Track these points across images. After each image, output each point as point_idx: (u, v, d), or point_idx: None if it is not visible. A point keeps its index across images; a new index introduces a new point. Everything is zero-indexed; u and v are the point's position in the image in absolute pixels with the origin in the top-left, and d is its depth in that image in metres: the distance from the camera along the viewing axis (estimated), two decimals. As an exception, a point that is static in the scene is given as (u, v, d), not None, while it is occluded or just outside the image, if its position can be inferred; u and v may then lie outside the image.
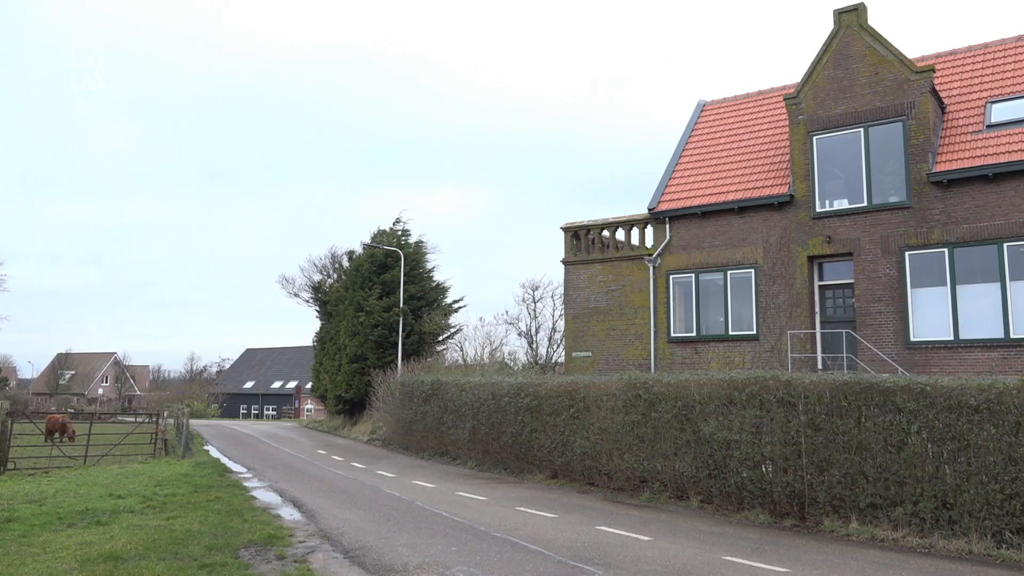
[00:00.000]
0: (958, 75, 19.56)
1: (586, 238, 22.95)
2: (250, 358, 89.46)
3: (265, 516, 12.28)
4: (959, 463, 10.33)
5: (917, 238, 17.29)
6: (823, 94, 18.93)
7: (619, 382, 15.37)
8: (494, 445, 18.93)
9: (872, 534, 10.72)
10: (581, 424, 16.00)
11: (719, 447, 13.01)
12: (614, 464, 15.11)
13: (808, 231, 18.81)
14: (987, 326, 16.26)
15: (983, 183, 16.65)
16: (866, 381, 11.46)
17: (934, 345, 16.76)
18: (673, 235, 21.05)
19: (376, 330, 33.43)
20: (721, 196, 20.38)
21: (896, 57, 18.01)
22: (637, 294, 21.51)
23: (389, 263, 34.83)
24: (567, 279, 23.23)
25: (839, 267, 18.74)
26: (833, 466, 11.50)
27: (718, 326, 20.10)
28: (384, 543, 10.26)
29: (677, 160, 22.81)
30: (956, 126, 18.07)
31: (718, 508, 12.97)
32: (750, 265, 19.62)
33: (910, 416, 10.78)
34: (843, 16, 18.93)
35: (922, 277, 17.21)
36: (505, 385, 18.85)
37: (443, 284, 36.78)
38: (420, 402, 23.18)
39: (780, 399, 12.23)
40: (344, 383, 34.73)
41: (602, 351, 21.95)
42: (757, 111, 23.01)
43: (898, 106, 17.81)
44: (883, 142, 18.02)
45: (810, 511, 11.74)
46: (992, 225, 16.44)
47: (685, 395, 13.75)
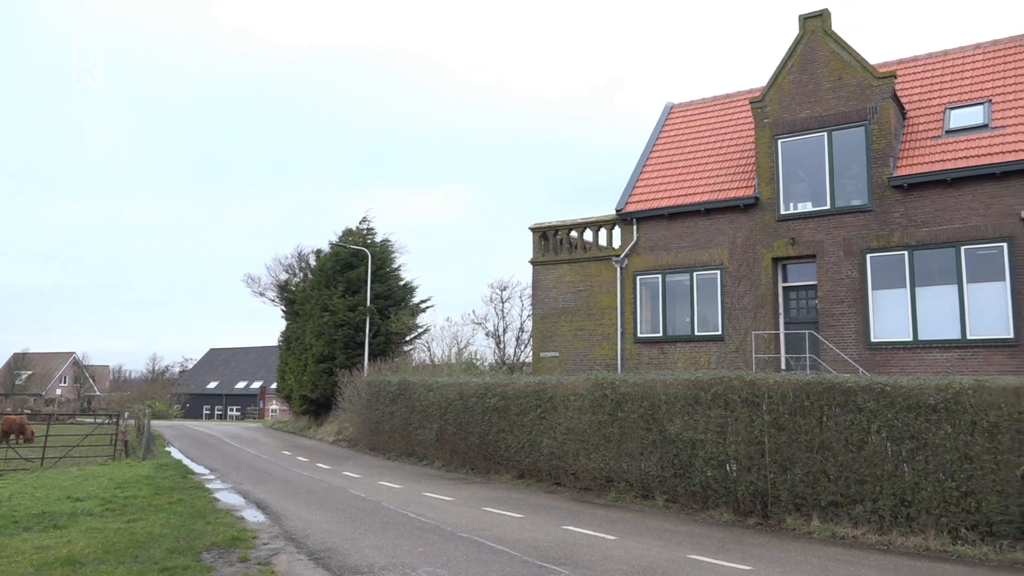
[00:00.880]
0: (919, 81, 19.97)
1: (554, 239, 23.01)
2: (214, 358, 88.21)
3: (228, 518, 12.12)
4: (917, 461, 10.55)
5: (878, 241, 17.61)
6: (788, 98, 19.19)
7: (586, 382, 15.43)
8: (461, 445, 18.89)
9: (833, 531, 10.90)
10: (548, 424, 16.04)
11: (684, 447, 13.12)
12: (581, 464, 15.17)
13: (773, 233, 19.06)
14: (945, 327, 16.61)
15: (942, 187, 17.01)
16: (828, 381, 11.65)
17: (894, 346, 17.08)
18: (640, 236, 21.20)
19: (342, 330, 33.17)
20: (688, 198, 20.56)
21: (859, 63, 18.33)
22: (604, 294, 21.62)
23: (355, 262, 34.59)
24: (535, 279, 23.28)
25: (803, 269, 19.02)
26: (796, 465, 11.67)
27: (684, 327, 20.28)
28: (350, 544, 10.18)
29: (645, 162, 22.97)
30: (916, 131, 18.44)
31: (683, 507, 13.09)
32: (716, 266, 19.83)
33: (870, 416, 10.98)
34: (808, 22, 19.21)
35: (883, 279, 17.53)
36: (473, 385, 18.82)
37: (411, 284, 36.65)
38: (387, 402, 23.05)
39: (744, 399, 12.38)
40: (310, 383, 34.41)
41: (570, 351, 22.03)
42: (724, 114, 23.26)
43: (861, 111, 18.13)
44: (846, 146, 18.32)
45: (773, 509, 11.90)
46: (950, 228, 16.81)
47: (651, 395, 13.85)
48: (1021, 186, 16.17)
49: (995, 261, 16.26)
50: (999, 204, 16.35)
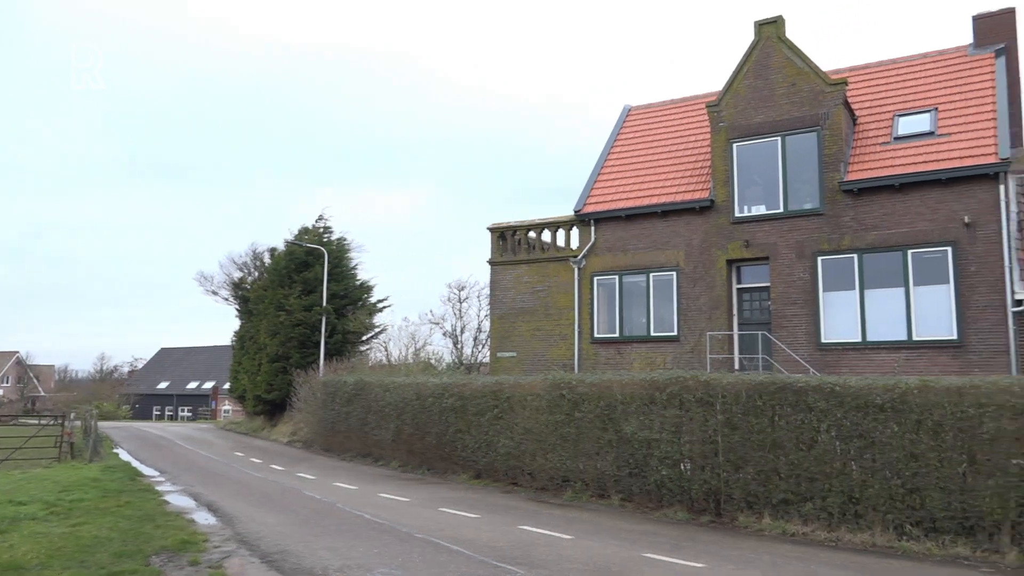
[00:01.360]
0: (869, 88, 20.45)
1: (512, 239, 23.04)
2: (165, 358, 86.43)
3: (179, 521, 11.87)
4: (865, 460, 10.81)
5: (829, 244, 18.00)
6: (743, 103, 19.50)
7: (544, 382, 15.48)
8: (418, 446, 18.81)
9: (784, 529, 11.11)
10: (506, 424, 16.05)
11: (640, 446, 13.25)
12: (538, 464, 15.21)
13: (728, 235, 19.34)
14: (893, 329, 17.04)
15: (890, 192, 17.45)
16: (780, 381, 11.86)
17: (844, 346, 17.47)
18: (598, 237, 21.34)
19: (298, 329, 32.76)
20: (645, 199, 20.76)
21: (812, 69, 18.71)
22: (562, 295, 21.72)
23: (311, 261, 34.18)
24: (493, 279, 23.27)
25: (756, 271, 19.34)
26: (748, 464, 11.86)
27: (641, 327, 20.47)
28: (304, 547, 10.06)
29: (603, 163, 23.13)
30: (866, 137, 18.89)
31: (638, 506, 13.21)
32: (672, 268, 20.06)
33: (820, 415, 11.21)
34: (763, 28, 19.55)
35: (833, 281, 17.91)
36: (430, 385, 18.75)
37: (368, 283, 36.34)
38: (343, 403, 22.84)
39: (699, 399, 12.54)
40: (264, 383, 33.91)
41: (527, 351, 22.08)
42: (681, 117, 23.53)
43: (813, 116, 18.51)
44: (799, 151, 18.69)
45: (726, 507, 12.08)
46: (898, 232, 17.25)
47: (608, 395, 13.95)
48: (965, 192, 16.67)
49: (940, 264, 16.74)
50: (944, 209, 16.84)
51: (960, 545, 9.80)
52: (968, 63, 19.55)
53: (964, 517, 9.94)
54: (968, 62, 19.59)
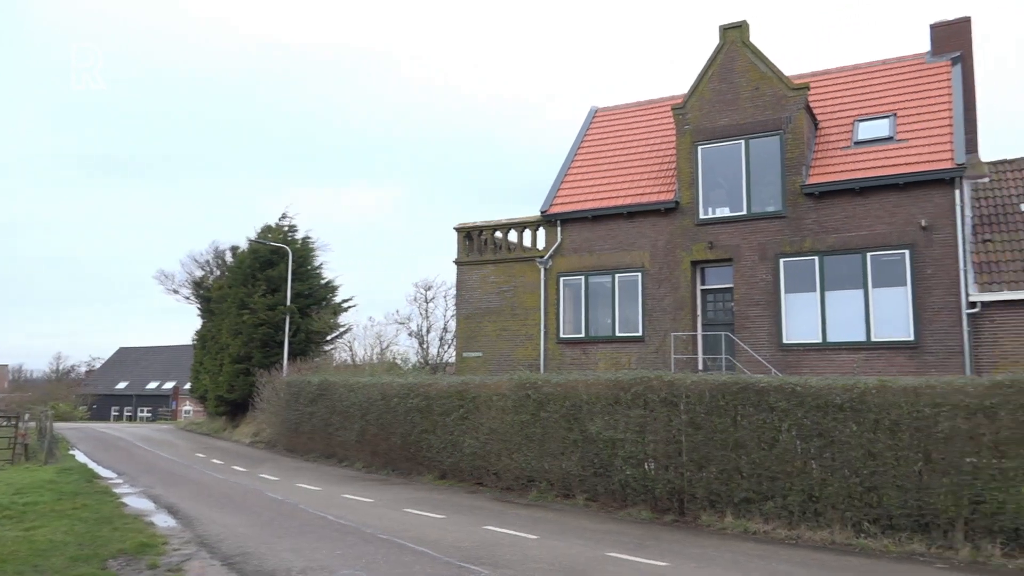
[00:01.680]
0: (830, 93, 20.82)
1: (479, 239, 23.02)
2: (124, 357, 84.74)
3: (137, 524, 11.65)
4: (825, 458, 10.99)
5: (791, 246, 18.28)
6: (708, 106, 19.72)
7: (509, 382, 15.49)
8: (383, 446, 18.70)
9: (745, 527, 11.25)
10: (471, 424, 16.03)
11: (605, 446, 13.32)
12: (503, 464, 15.21)
13: (692, 237, 19.54)
14: (852, 330, 17.37)
15: (851, 196, 17.78)
16: (742, 381, 12.01)
17: (805, 347, 17.76)
18: (564, 238, 21.41)
19: (261, 328, 32.38)
20: (611, 201, 20.89)
21: (775, 74, 18.99)
22: (528, 295, 21.75)
23: (275, 260, 33.81)
24: (459, 279, 23.23)
25: (720, 272, 19.57)
26: (711, 463, 11.99)
27: (606, 327, 20.59)
28: (266, 548, 9.94)
29: (570, 164, 23.22)
30: (828, 141, 19.22)
31: (603, 506, 13.28)
32: (637, 268, 20.20)
33: (782, 414, 11.38)
34: (728, 32, 19.78)
35: (795, 283, 18.20)
36: (395, 385, 18.65)
37: (332, 282, 36.07)
38: (307, 403, 22.62)
39: (663, 399, 12.64)
40: (226, 383, 33.45)
41: (493, 351, 22.07)
42: (647, 119, 23.72)
43: (776, 120, 18.78)
44: (762, 154, 18.95)
45: (689, 507, 12.20)
46: (858, 235, 17.58)
47: (573, 395, 14.01)
48: (922, 196, 17.05)
49: (898, 267, 17.10)
50: (902, 213, 17.20)
51: (916, 542, 10.01)
52: (926, 70, 20.00)
53: (920, 514, 10.16)
54: (926, 69, 20.04)
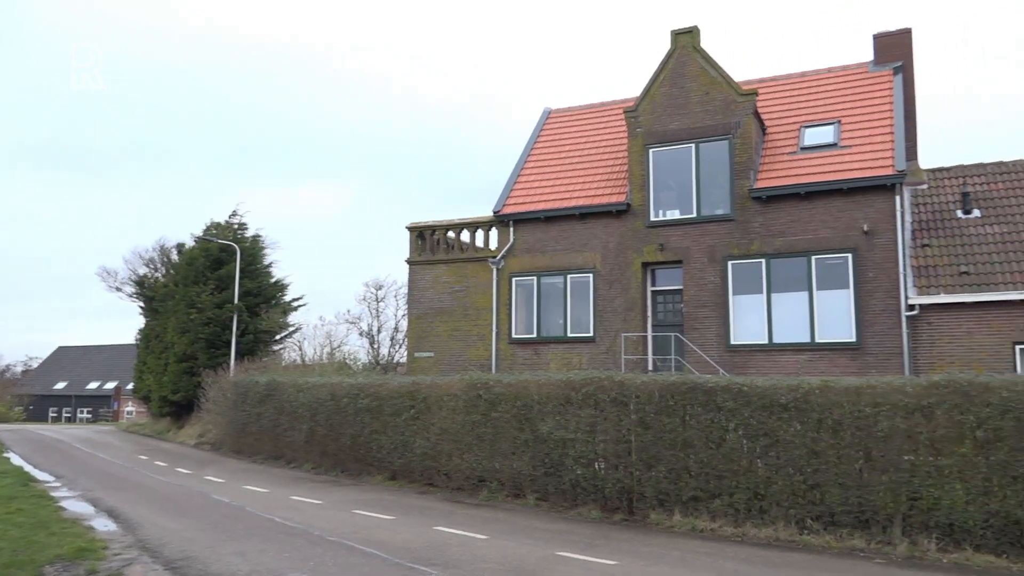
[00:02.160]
0: (778, 99, 21.26)
1: (431, 238, 22.93)
2: (62, 356, 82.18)
3: (76, 528, 11.30)
4: (770, 457, 11.23)
5: (739, 249, 18.61)
6: (660, 109, 19.96)
7: (461, 382, 15.46)
8: (332, 447, 18.49)
9: (693, 525, 11.42)
10: (422, 424, 15.95)
11: (556, 446, 13.38)
12: (454, 464, 15.18)
13: (643, 239, 19.76)
14: (797, 331, 17.76)
15: (796, 200, 18.19)
16: (691, 382, 12.19)
17: (752, 348, 18.10)
18: (517, 238, 21.46)
19: (208, 328, 31.74)
20: (564, 202, 21.00)
21: (724, 80, 19.32)
22: (481, 295, 21.73)
23: (225, 258, 33.18)
24: (411, 279, 23.10)
25: (670, 274, 19.82)
26: (660, 462, 12.15)
27: (558, 328, 20.69)
28: (211, 552, 9.74)
29: (523, 165, 23.27)
30: (775, 146, 19.63)
31: (553, 505, 13.34)
32: (589, 269, 20.35)
33: (729, 414, 11.58)
34: (679, 37, 20.06)
35: (743, 285, 18.54)
36: (345, 386, 18.47)
37: (282, 281, 35.55)
38: (254, 403, 22.24)
39: (613, 399, 12.76)
40: (171, 384, 32.70)
41: (445, 351, 22.00)
42: (600, 121, 23.90)
43: (725, 125, 19.11)
44: (712, 158, 19.26)
45: (638, 506, 12.33)
46: (803, 239, 17.99)
47: (525, 395, 14.05)
48: (864, 201, 17.53)
49: (841, 270, 17.55)
50: (846, 217, 17.66)
51: (856, 538, 10.29)
52: (869, 79, 20.56)
53: (860, 511, 10.44)
54: (869, 78, 20.60)
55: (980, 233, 17.76)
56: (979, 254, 17.17)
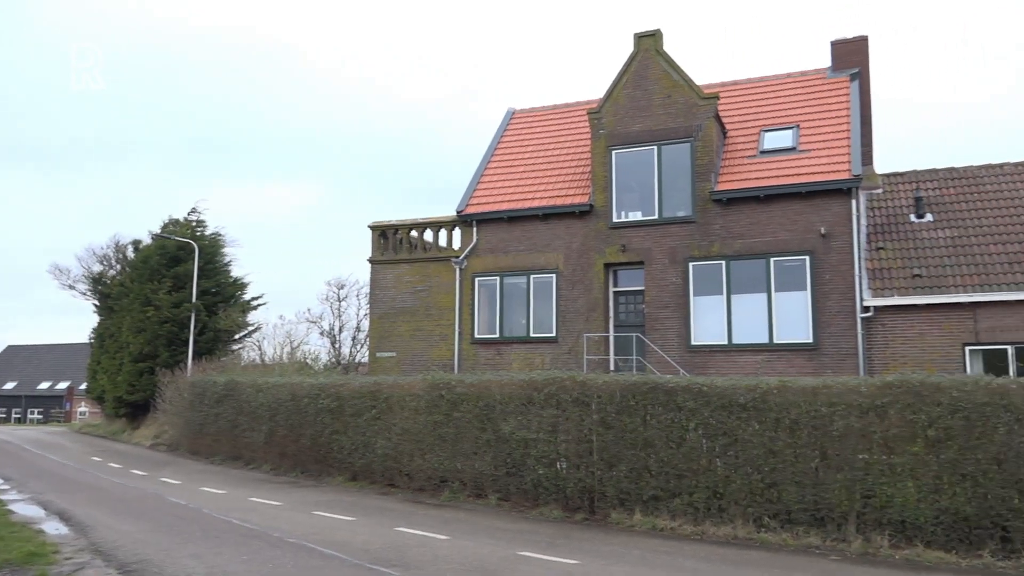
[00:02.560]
0: (739, 103, 21.55)
1: (394, 237, 22.80)
2: (12, 356, 79.97)
3: (25, 532, 11.00)
4: (729, 456, 11.37)
5: (700, 250, 18.83)
6: (623, 111, 20.10)
7: (423, 382, 15.40)
8: (292, 448, 18.28)
9: (653, 524, 11.52)
10: (384, 425, 15.85)
11: (518, 446, 13.40)
12: (415, 464, 15.11)
13: (605, 240, 19.88)
14: (756, 332, 18.02)
15: (756, 203, 18.46)
16: (652, 382, 12.30)
17: (712, 348, 18.32)
18: (480, 238, 21.44)
19: (165, 326, 31.16)
20: (527, 202, 21.04)
21: (686, 83, 19.52)
22: (443, 295, 21.67)
23: (182, 256, 32.59)
24: (373, 278, 22.95)
25: (632, 274, 19.97)
26: (621, 462, 12.23)
27: (520, 328, 20.72)
28: (166, 555, 9.56)
29: (486, 165, 23.26)
30: (736, 150, 19.90)
31: (515, 505, 13.36)
32: (552, 270, 20.41)
33: (689, 414, 11.71)
34: (642, 40, 20.22)
35: (703, 286, 18.75)
36: (305, 386, 18.27)
37: (242, 279, 35.04)
38: (212, 403, 21.89)
39: (575, 399, 12.82)
40: (126, 384, 32.02)
41: (407, 351, 21.90)
42: (563, 123, 23.99)
43: (687, 128, 19.31)
44: (674, 160, 19.46)
45: (600, 505, 12.40)
46: (762, 241, 18.27)
47: (487, 395, 14.04)
48: (822, 205, 17.85)
49: (798, 272, 17.85)
50: (803, 221, 17.97)
51: (812, 535, 10.48)
52: (826, 85, 20.95)
53: (816, 509, 10.63)
54: (826, 84, 20.99)
55: (932, 237, 18.20)
56: (931, 258, 17.60)
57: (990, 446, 9.77)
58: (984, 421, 9.85)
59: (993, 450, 9.75)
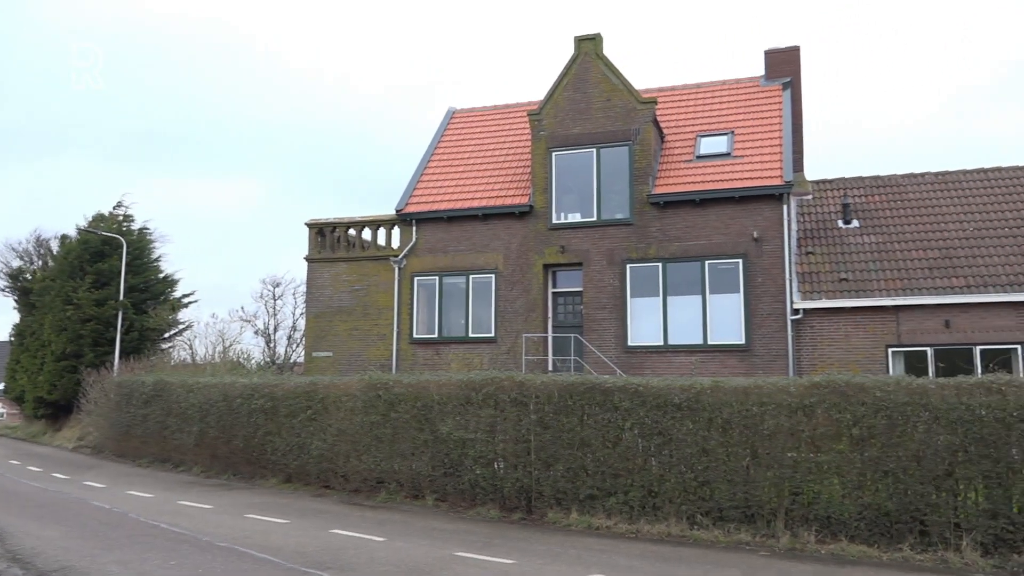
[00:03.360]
0: (676, 108, 21.95)
1: (332, 235, 22.48)
2: (-76, 354, 76.09)
3: (-64, 539, 10.49)
4: (663, 455, 11.57)
5: (637, 252, 19.11)
6: (563, 114, 20.26)
7: (360, 383, 15.23)
8: (224, 449, 17.85)
9: (589, 523, 11.64)
10: (319, 426, 15.62)
11: (456, 446, 13.37)
12: (352, 465, 14.93)
13: (545, 241, 20.00)
14: (691, 333, 18.38)
15: (691, 207, 18.82)
16: (589, 382, 12.42)
17: (648, 349, 18.61)
18: (419, 238, 21.31)
19: (89, 325, 30.06)
20: (467, 202, 21.00)
21: (625, 87, 19.79)
22: (382, 294, 21.47)
23: (108, 251, 31.49)
24: (310, 277, 22.59)
25: (571, 276, 20.14)
26: (558, 461, 12.32)
27: (459, 328, 20.68)
28: (90, 562, 9.22)
29: (426, 164, 23.14)
30: (673, 154, 20.26)
31: (452, 506, 13.32)
32: (491, 270, 20.43)
33: (625, 414, 11.87)
34: (582, 43, 20.41)
35: (640, 288, 19.04)
36: (238, 386, 17.87)
37: (172, 276, 34.05)
38: (140, 404, 21.21)
39: (513, 399, 12.85)
40: (47, 384, 30.78)
41: (344, 351, 21.62)
42: (504, 123, 24.04)
43: (626, 131, 19.58)
44: (612, 163, 19.70)
45: (537, 504, 12.47)
46: (698, 244, 18.64)
47: (425, 395, 13.97)
48: (754, 210, 18.32)
49: (732, 275, 18.28)
50: (737, 225, 18.41)
51: (743, 532, 10.73)
52: (760, 92, 21.51)
53: (746, 506, 10.90)
54: (760, 92, 21.55)
55: (858, 242, 18.87)
56: (857, 262, 18.24)
57: (910, 444, 10.17)
58: (905, 420, 10.24)
59: (913, 448, 10.15)
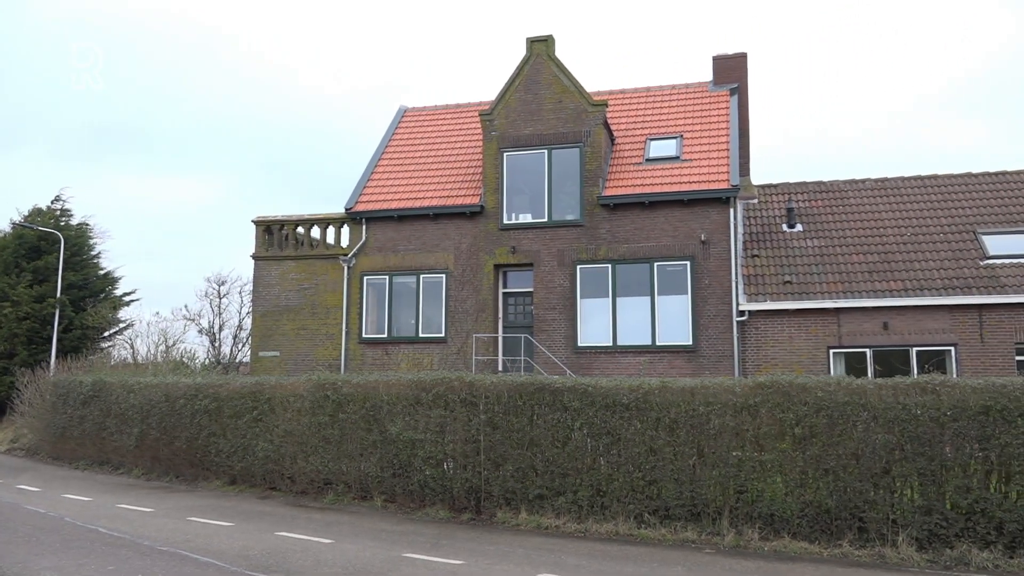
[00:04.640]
0: (626, 111, 22.19)
1: (279, 233, 22.13)
2: None
3: None
4: (612, 455, 11.68)
5: (587, 254, 19.26)
6: (514, 114, 20.30)
7: (307, 383, 15.01)
8: (166, 451, 17.42)
9: (538, 523, 11.68)
10: (265, 426, 15.35)
11: (405, 447, 13.28)
12: (298, 467, 14.72)
13: (496, 241, 20.02)
14: (639, 334, 18.61)
15: (640, 209, 19.05)
16: (539, 382, 12.46)
17: (597, 350, 18.77)
18: (369, 236, 21.13)
19: (25, 323, 29.00)
20: (417, 202, 20.90)
21: (577, 89, 19.93)
22: (330, 294, 21.22)
23: (45, 247, 30.45)
24: (257, 275, 22.20)
25: (521, 276, 20.20)
26: (508, 461, 12.33)
27: (409, 328, 20.56)
28: (22, 568, 8.90)
29: (377, 162, 22.95)
30: (623, 156, 20.47)
31: (401, 506, 13.23)
32: (442, 270, 20.36)
33: (574, 414, 11.94)
34: (534, 45, 20.49)
35: (590, 289, 19.20)
36: (181, 386, 17.45)
37: (112, 273, 33.06)
38: (78, 405, 20.56)
39: (463, 399, 12.82)
40: (-22, 384, 29.61)
41: (291, 351, 21.31)
42: (455, 123, 23.98)
43: (577, 133, 19.71)
44: (563, 165, 19.82)
45: (486, 505, 12.46)
46: (647, 246, 18.87)
47: (374, 396, 13.84)
48: (702, 213, 18.62)
49: (680, 277, 18.56)
50: (685, 227, 18.69)
51: (689, 530, 10.89)
52: (708, 98, 21.88)
53: (693, 505, 11.07)
54: (708, 97, 21.92)
55: (802, 246, 19.33)
56: (800, 265, 18.69)
57: (849, 442, 10.45)
58: (845, 419, 10.52)
59: (852, 446, 10.43)
